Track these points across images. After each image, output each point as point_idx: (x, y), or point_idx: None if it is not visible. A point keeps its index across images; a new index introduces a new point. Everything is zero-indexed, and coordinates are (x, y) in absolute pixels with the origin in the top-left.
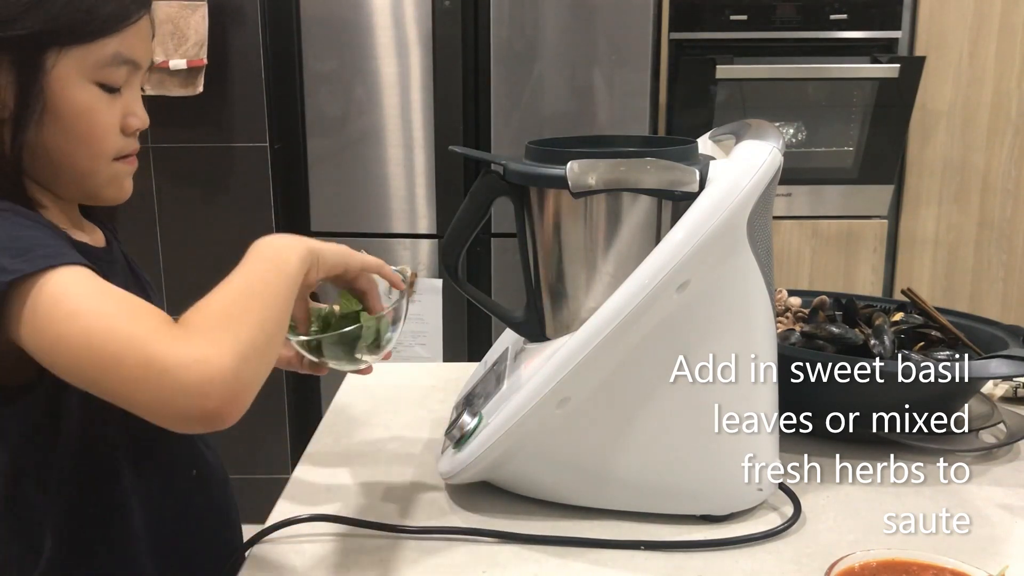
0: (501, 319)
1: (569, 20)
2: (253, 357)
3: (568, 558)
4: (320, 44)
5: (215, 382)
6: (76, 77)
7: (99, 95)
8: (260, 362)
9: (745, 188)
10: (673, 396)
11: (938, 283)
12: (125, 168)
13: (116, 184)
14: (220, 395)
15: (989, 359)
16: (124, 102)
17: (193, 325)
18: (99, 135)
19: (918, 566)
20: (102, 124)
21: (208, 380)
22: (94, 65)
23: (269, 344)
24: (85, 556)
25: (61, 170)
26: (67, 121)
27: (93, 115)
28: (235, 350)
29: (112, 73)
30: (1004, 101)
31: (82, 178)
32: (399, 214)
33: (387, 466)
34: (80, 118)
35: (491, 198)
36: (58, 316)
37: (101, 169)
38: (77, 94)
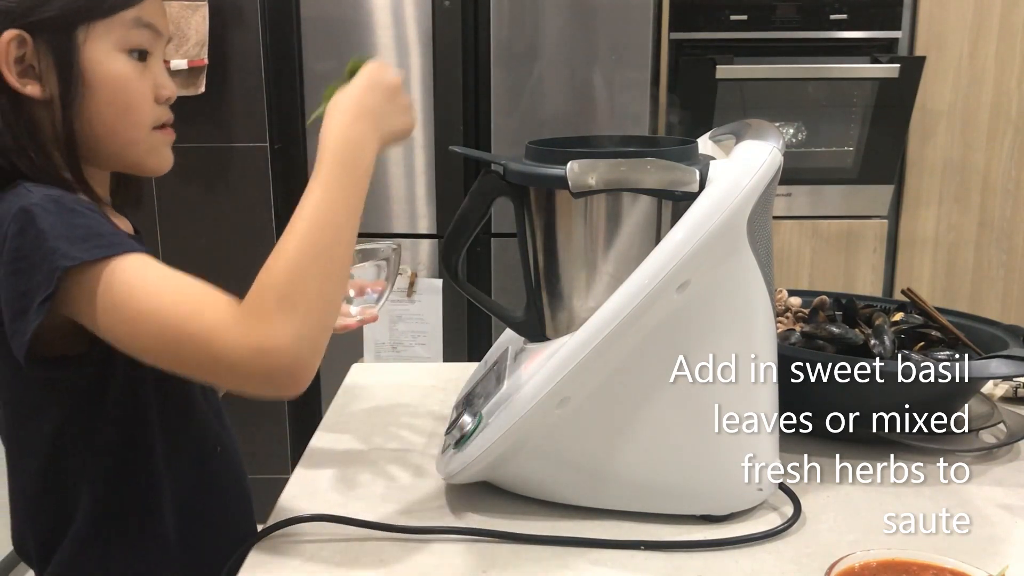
0: (501, 319)
1: (569, 20)
2: (315, 333)
3: (568, 558)
4: (320, 44)
5: (280, 370)
6: (107, 48)
7: (130, 64)
8: (322, 332)
9: (745, 188)
10: (673, 396)
11: (938, 283)
12: (163, 138)
13: (157, 154)
14: (284, 380)
15: (989, 359)
16: (153, 72)
17: (256, 309)
18: (136, 103)
19: (918, 566)
20: (137, 92)
21: (273, 370)
22: (120, 33)
23: (330, 310)
24: (116, 523)
25: (104, 143)
26: (106, 92)
27: (128, 84)
28: (297, 334)
29: (136, 37)
30: (1004, 101)
31: (124, 149)
32: (399, 214)
33: (387, 466)
34: (117, 87)
35: (491, 198)
36: (131, 303)
37: (142, 138)
38: (111, 65)
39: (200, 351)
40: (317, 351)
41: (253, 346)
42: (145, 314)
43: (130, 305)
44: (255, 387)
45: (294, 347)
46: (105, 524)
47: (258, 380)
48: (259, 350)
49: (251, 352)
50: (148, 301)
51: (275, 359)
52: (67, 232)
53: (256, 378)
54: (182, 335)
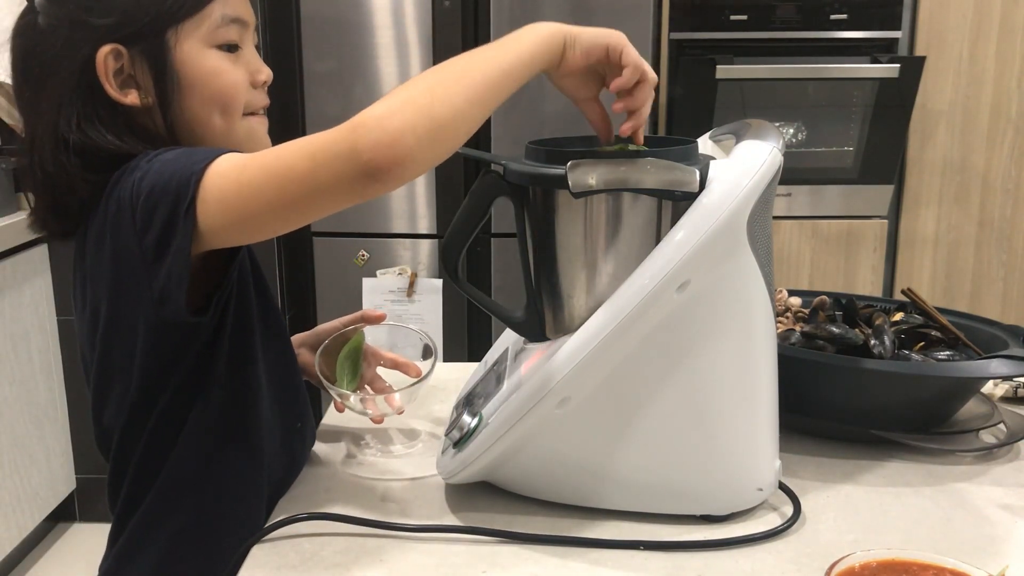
0: (501, 319)
1: (569, 20)
2: (412, 115)
3: (568, 558)
4: (320, 44)
5: (371, 145)
6: (197, 46)
7: (222, 57)
8: (423, 117)
9: (745, 188)
10: (673, 396)
11: (938, 283)
12: (258, 123)
13: (254, 139)
14: (377, 158)
15: (989, 359)
16: (246, 59)
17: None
18: (232, 92)
19: (918, 566)
20: (232, 82)
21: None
22: (208, 31)
23: (437, 104)
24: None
25: (202, 136)
26: (201, 88)
27: (222, 76)
28: (390, 111)
29: (225, 33)
30: (1004, 101)
31: (224, 137)
32: (399, 214)
33: (387, 466)
34: (212, 81)
35: (491, 198)
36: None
37: (236, 127)
38: (203, 61)
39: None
40: (412, 130)
41: (344, 126)
42: (264, 153)
43: (255, 163)
44: (346, 171)
45: (385, 121)
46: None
47: (348, 158)
48: (351, 128)
49: (341, 129)
50: (269, 153)
51: (366, 134)
52: (186, 156)
53: (347, 157)
54: (293, 148)
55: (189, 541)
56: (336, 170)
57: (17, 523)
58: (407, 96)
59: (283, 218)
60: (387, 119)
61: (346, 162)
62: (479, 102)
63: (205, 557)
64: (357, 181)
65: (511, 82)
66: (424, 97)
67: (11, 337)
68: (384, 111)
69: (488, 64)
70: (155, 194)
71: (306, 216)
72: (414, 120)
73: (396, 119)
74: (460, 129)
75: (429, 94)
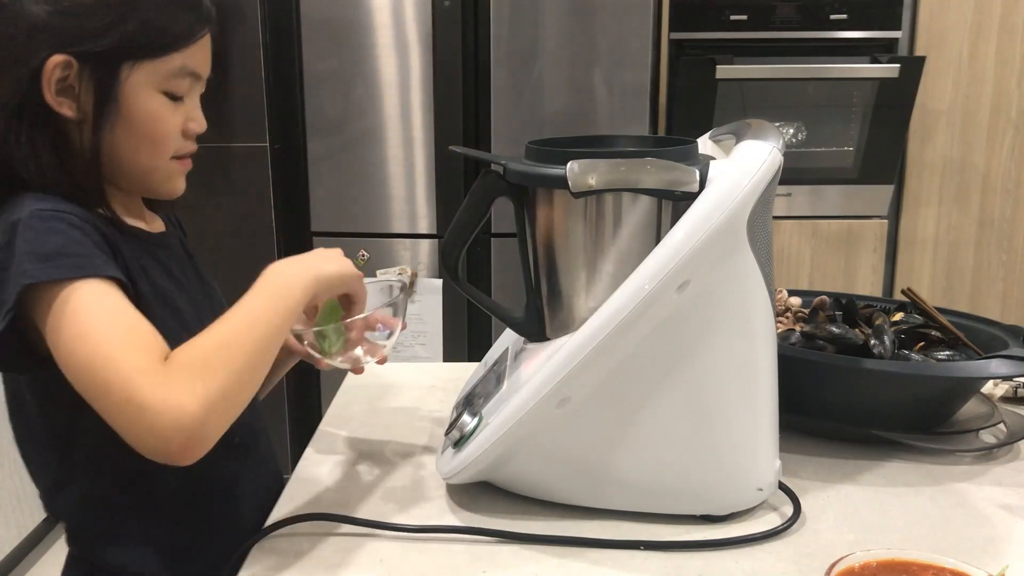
0: (501, 319)
1: (569, 20)
2: (222, 407)
3: (568, 558)
4: (320, 44)
5: (181, 429)
6: (147, 87)
7: (165, 103)
8: (229, 409)
9: (745, 188)
10: (673, 396)
11: (938, 283)
12: (180, 167)
13: (171, 181)
14: (182, 442)
15: (989, 359)
16: (186, 109)
17: (178, 366)
18: (162, 138)
19: (918, 566)
20: (166, 128)
21: (174, 427)
22: (163, 76)
23: (242, 391)
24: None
25: (124, 167)
26: (136, 125)
27: (159, 121)
28: (207, 400)
29: (178, 84)
30: (1004, 101)
31: (143, 175)
32: (399, 214)
33: (387, 466)
34: (148, 123)
35: (491, 198)
36: (71, 331)
37: (160, 167)
38: (147, 102)
39: (107, 394)
40: (220, 423)
41: (165, 399)
42: (77, 340)
43: (70, 329)
44: (151, 443)
45: (202, 412)
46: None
47: (157, 436)
48: (169, 406)
49: (160, 405)
50: (83, 329)
51: (180, 417)
52: (37, 250)
53: (156, 433)
54: (97, 374)
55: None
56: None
57: (17, 523)
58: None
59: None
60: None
61: (151, 445)
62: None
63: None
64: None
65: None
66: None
67: None
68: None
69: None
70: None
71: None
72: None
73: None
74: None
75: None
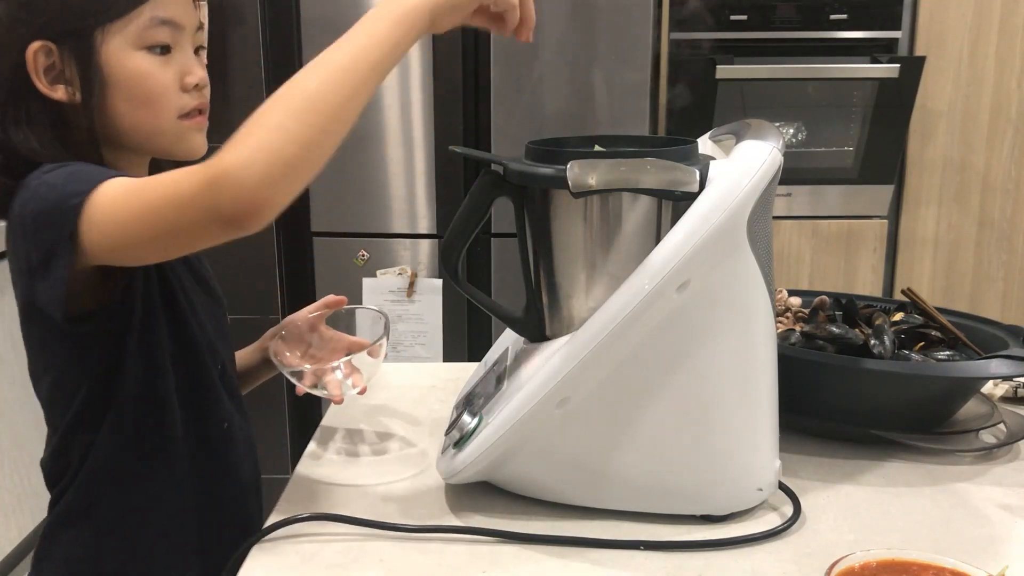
0: (501, 319)
1: (569, 20)
2: (268, 160)
3: (568, 558)
4: (320, 44)
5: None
6: (124, 47)
7: (150, 59)
8: (278, 161)
9: (745, 188)
10: (673, 396)
11: (938, 283)
12: (190, 125)
13: (185, 141)
14: (230, 207)
15: (989, 359)
16: (178, 61)
17: (240, 135)
18: (157, 95)
19: (918, 566)
20: (159, 84)
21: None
22: (136, 33)
23: (291, 142)
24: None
25: (131, 135)
26: (126, 89)
27: (148, 78)
28: (246, 159)
29: (155, 35)
30: (1004, 101)
31: (151, 139)
32: (399, 214)
33: (387, 466)
34: (137, 83)
35: (491, 198)
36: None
37: (166, 128)
38: (129, 62)
39: (170, 200)
40: (268, 180)
41: (203, 177)
42: (137, 192)
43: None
44: (209, 222)
45: (242, 175)
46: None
47: (209, 212)
48: (210, 183)
49: (201, 182)
50: (141, 185)
51: (224, 191)
52: (72, 178)
53: (208, 210)
54: (160, 195)
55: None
56: (200, 221)
57: (17, 523)
58: (262, 137)
59: (157, 251)
60: (244, 171)
61: (208, 215)
62: (333, 128)
63: (124, 551)
64: (221, 230)
65: (372, 86)
66: (278, 137)
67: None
68: (241, 162)
69: (347, 77)
70: (40, 218)
71: (178, 252)
72: (269, 170)
73: (252, 171)
74: (315, 162)
75: (283, 132)
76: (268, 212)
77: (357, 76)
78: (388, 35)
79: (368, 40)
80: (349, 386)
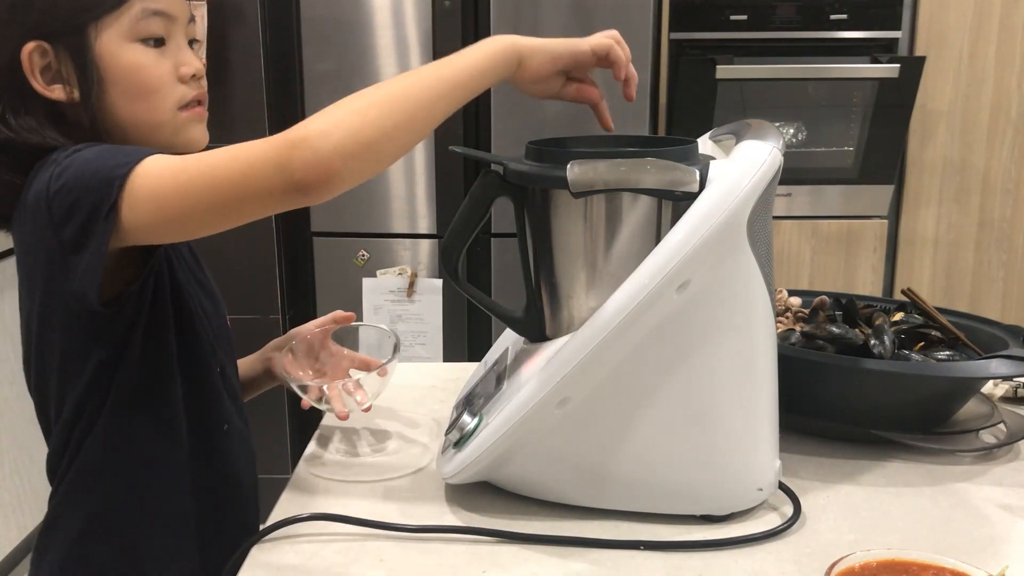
0: (501, 319)
1: (569, 20)
2: (344, 135)
3: (568, 558)
4: (320, 44)
5: (298, 162)
6: (117, 40)
7: (144, 51)
8: (354, 137)
9: (745, 188)
10: (673, 396)
11: (938, 283)
12: (190, 116)
13: (185, 133)
14: (303, 173)
15: (989, 359)
16: (173, 53)
17: (324, 111)
18: (154, 87)
19: (918, 566)
20: (155, 76)
21: (293, 160)
22: (128, 25)
23: (370, 125)
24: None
25: (133, 130)
26: (123, 83)
27: (143, 70)
28: (323, 130)
29: (147, 27)
30: (1004, 101)
31: (152, 132)
32: (399, 214)
33: (387, 466)
34: (132, 76)
35: (491, 198)
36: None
37: (165, 120)
38: (123, 55)
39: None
40: (342, 151)
41: (280, 140)
42: (193, 164)
43: (192, 165)
44: (277, 186)
45: (318, 142)
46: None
47: (281, 174)
48: (288, 143)
49: (277, 145)
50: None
51: (299, 153)
52: (110, 152)
53: (280, 172)
54: (225, 161)
55: (101, 526)
56: (268, 181)
57: (17, 523)
58: (342, 115)
59: (212, 221)
60: (320, 139)
61: (278, 175)
62: (409, 127)
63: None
64: (287, 194)
65: (453, 102)
66: (356, 119)
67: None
68: (318, 130)
69: (429, 86)
70: (76, 190)
71: (234, 220)
72: (343, 142)
73: (328, 140)
74: (387, 151)
75: (361, 116)
76: (337, 183)
77: (438, 89)
78: (476, 63)
79: (459, 61)
80: (354, 402)
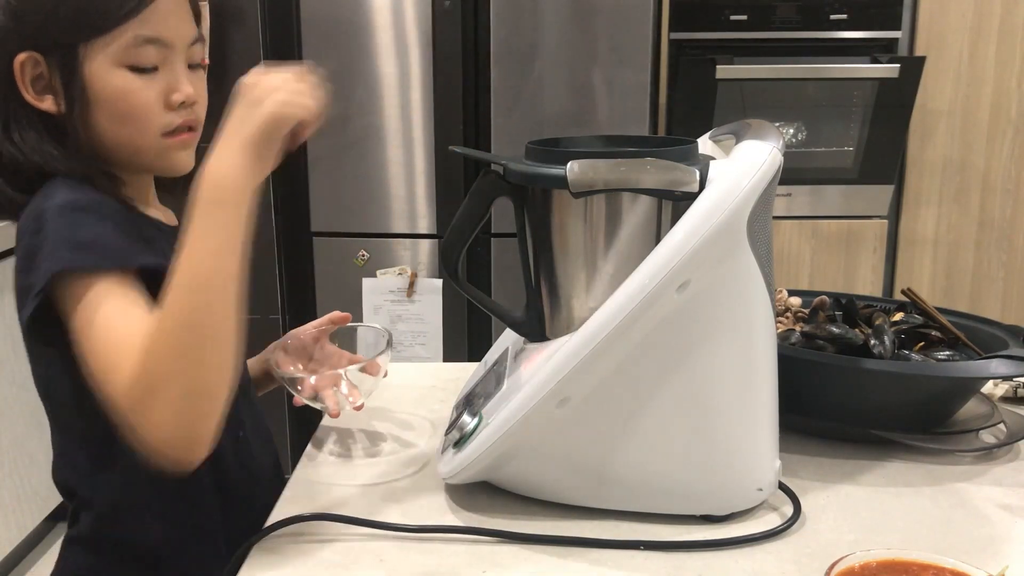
0: (501, 319)
1: (569, 20)
2: (187, 419)
3: (568, 558)
4: (320, 44)
5: (161, 451)
6: (106, 64)
7: (132, 77)
8: (197, 417)
9: (745, 188)
10: (673, 396)
11: (938, 283)
12: (173, 143)
13: (167, 159)
14: (168, 458)
15: (989, 359)
16: (164, 79)
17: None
18: (139, 114)
19: (918, 566)
20: (140, 103)
21: (154, 450)
22: (119, 51)
23: (202, 392)
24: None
25: (115, 151)
26: (108, 105)
27: (128, 96)
28: (170, 423)
29: (139, 55)
30: (1004, 101)
31: (134, 156)
32: (399, 214)
33: (387, 466)
34: (118, 101)
35: (491, 198)
36: (82, 321)
37: (148, 145)
38: (111, 80)
39: (107, 400)
40: (194, 435)
41: (136, 426)
42: (84, 338)
43: (81, 324)
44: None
45: (166, 435)
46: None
47: (152, 451)
48: (141, 432)
49: (137, 430)
50: (93, 330)
51: (153, 442)
52: (69, 238)
53: (150, 449)
54: (96, 383)
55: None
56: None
57: (17, 523)
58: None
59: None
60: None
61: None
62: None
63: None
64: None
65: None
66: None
67: (11, 337)
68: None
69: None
70: (28, 260)
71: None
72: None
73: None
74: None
75: (190, 382)
76: (208, 446)
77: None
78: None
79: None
80: (347, 401)
